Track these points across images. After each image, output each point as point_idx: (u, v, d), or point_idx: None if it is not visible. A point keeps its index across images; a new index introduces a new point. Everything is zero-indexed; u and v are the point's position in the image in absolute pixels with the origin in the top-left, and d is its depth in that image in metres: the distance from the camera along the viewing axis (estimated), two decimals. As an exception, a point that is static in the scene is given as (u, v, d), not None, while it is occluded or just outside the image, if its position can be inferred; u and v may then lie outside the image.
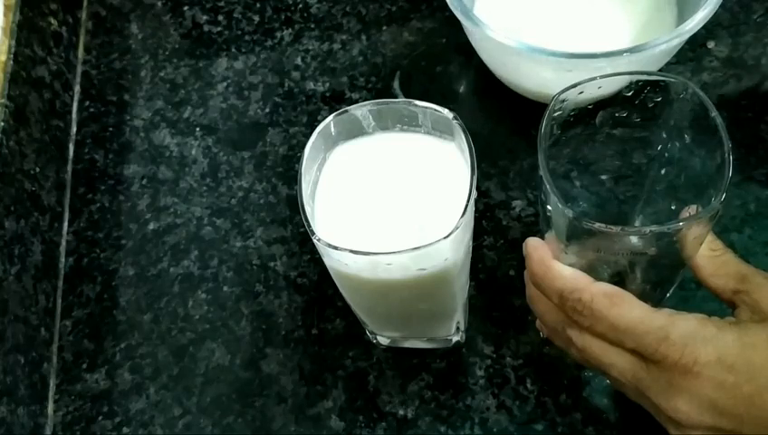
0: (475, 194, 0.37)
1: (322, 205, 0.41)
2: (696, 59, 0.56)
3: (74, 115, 0.61)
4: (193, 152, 0.58)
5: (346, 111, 0.40)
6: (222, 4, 0.64)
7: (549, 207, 0.36)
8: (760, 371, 0.33)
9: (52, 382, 0.51)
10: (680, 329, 0.34)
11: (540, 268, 0.38)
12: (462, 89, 0.59)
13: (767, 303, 0.36)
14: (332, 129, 0.41)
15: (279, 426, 0.48)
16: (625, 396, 0.39)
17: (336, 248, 0.36)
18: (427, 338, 0.48)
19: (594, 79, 0.37)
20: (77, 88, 0.62)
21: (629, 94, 0.38)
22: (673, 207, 0.40)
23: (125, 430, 0.49)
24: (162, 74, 0.62)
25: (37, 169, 0.54)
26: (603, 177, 0.41)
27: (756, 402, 0.33)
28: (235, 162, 0.57)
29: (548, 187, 0.35)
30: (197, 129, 0.59)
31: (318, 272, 0.52)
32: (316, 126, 0.40)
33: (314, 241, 0.37)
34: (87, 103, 0.61)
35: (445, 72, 0.59)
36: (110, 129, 0.60)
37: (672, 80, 0.37)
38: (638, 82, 0.37)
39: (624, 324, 0.35)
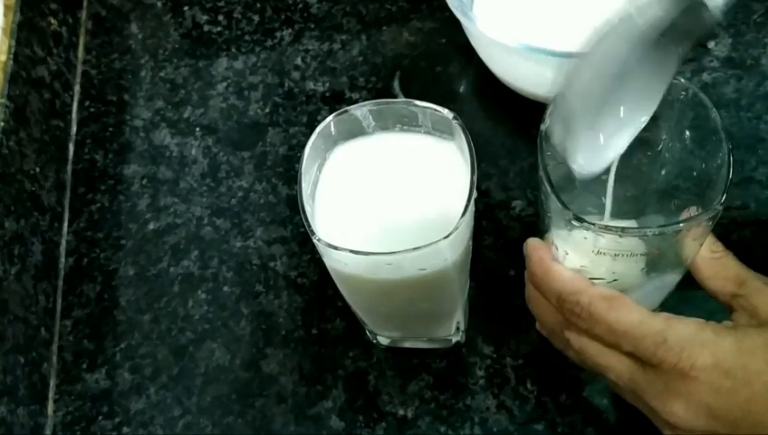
0: (475, 194, 0.37)
1: (322, 205, 0.41)
2: (696, 59, 0.56)
3: (74, 115, 0.61)
4: (193, 152, 0.58)
5: (346, 111, 0.40)
6: (222, 4, 0.64)
7: (549, 207, 0.36)
8: (756, 376, 0.33)
9: (52, 382, 0.51)
10: (678, 333, 0.34)
11: (539, 269, 0.38)
12: (462, 89, 0.59)
13: (765, 308, 0.36)
14: (332, 129, 0.41)
15: (279, 426, 0.48)
16: (624, 397, 0.39)
17: (336, 248, 0.36)
18: (427, 338, 0.48)
19: (594, 79, 0.37)
20: (77, 88, 0.62)
21: (629, 94, 0.38)
22: (673, 208, 0.40)
23: (125, 429, 0.49)
24: (162, 74, 0.62)
25: (37, 169, 0.54)
26: (603, 177, 0.41)
27: (752, 408, 0.33)
28: (235, 162, 0.57)
29: (548, 187, 0.35)
30: (197, 129, 0.59)
31: (318, 272, 0.52)
32: (316, 126, 0.40)
33: (314, 241, 0.37)
34: (87, 103, 0.61)
35: (445, 72, 0.59)
36: (110, 129, 0.60)
37: (672, 80, 0.37)
38: (638, 82, 0.37)
39: (622, 328, 0.35)
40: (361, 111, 0.41)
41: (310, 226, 0.37)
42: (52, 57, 0.59)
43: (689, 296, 0.42)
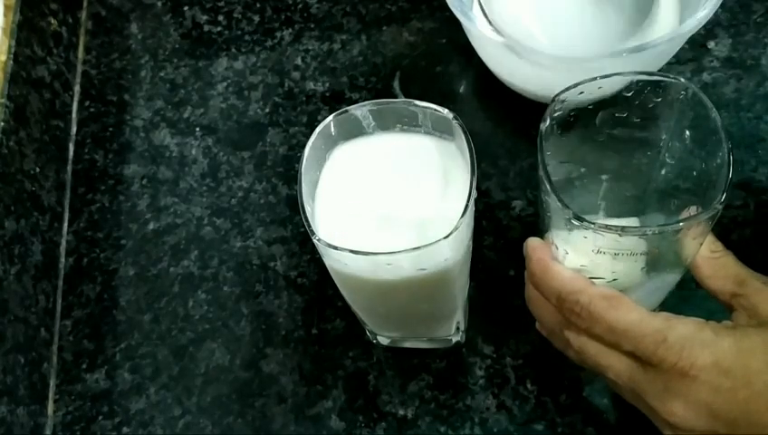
0: (475, 194, 0.37)
1: (322, 205, 0.41)
2: (696, 59, 0.56)
3: (74, 115, 0.61)
4: (193, 152, 0.58)
5: (346, 111, 0.40)
6: (222, 4, 0.64)
7: (549, 207, 0.36)
8: (756, 376, 0.33)
9: (52, 382, 0.51)
10: (678, 332, 0.34)
11: (539, 269, 0.38)
12: (462, 89, 0.59)
13: (764, 307, 0.35)
14: (332, 129, 0.41)
15: (279, 426, 0.48)
16: (624, 397, 0.39)
17: (336, 248, 0.36)
18: (427, 338, 0.48)
19: (594, 79, 0.37)
20: (77, 88, 0.62)
21: (629, 95, 0.38)
22: (673, 208, 0.40)
23: (125, 429, 0.49)
24: (162, 74, 0.62)
25: (37, 169, 0.54)
26: (603, 177, 0.41)
27: (752, 407, 0.33)
28: (235, 162, 0.57)
29: (548, 187, 0.35)
30: (197, 129, 0.59)
31: (318, 272, 0.52)
32: (316, 126, 0.40)
33: (314, 241, 0.37)
34: (87, 103, 0.61)
35: (445, 72, 0.59)
36: (110, 129, 0.60)
37: (672, 80, 0.37)
38: (638, 82, 0.37)
39: (621, 327, 0.35)
40: (361, 110, 0.41)
41: (310, 226, 0.37)
42: (52, 57, 0.59)
43: (689, 296, 0.42)
